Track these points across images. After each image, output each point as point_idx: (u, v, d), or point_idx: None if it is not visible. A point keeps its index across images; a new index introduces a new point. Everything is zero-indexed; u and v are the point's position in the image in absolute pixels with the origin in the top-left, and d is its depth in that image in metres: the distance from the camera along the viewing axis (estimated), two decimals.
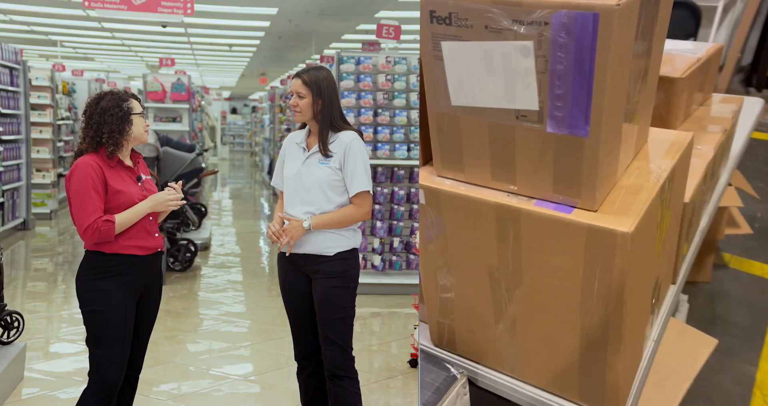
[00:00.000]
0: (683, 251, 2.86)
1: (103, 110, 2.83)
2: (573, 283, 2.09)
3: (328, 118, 3.01)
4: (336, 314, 3.01)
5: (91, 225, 2.74)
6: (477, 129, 2.15)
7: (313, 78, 3.01)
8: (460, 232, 2.27)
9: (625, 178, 2.22)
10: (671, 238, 2.54)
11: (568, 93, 1.93)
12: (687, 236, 2.89)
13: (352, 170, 2.99)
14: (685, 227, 2.76)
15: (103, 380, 2.84)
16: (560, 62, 1.89)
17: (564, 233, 2.05)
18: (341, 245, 3.02)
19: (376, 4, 11.37)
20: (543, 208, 2.10)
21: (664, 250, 2.45)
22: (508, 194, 2.19)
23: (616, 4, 1.77)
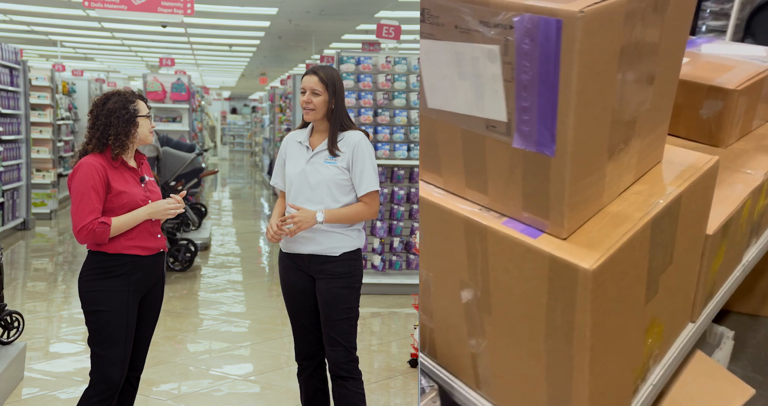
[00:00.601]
0: (709, 286, 2.51)
1: (110, 112, 2.83)
2: (537, 314, 1.88)
3: (339, 117, 2.99)
4: (341, 314, 3.00)
5: (86, 226, 2.74)
6: (451, 134, 2.00)
7: (329, 76, 2.97)
8: (435, 240, 2.14)
9: (616, 204, 1.98)
10: (682, 273, 2.24)
11: (534, 106, 1.71)
12: (718, 269, 2.54)
13: (361, 170, 2.97)
14: (711, 260, 2.41)
15: (104, 379, 2.84)
16: (525, 71, 1.68)
17: (528, 259, 1.85)
18: (347, 246, 3.00)
19: (376, 4, 11.37)
20: (510, 228, 1.90)
21: (668, 287, 2.16)
22: (480, 208, 2.02)
23: (580, 11, 1.55)
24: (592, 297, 1.73)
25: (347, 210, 2.97)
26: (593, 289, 1.72)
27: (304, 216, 2.90)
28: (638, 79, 1.89)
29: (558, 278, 1.77)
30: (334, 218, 2.94)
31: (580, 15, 1.56)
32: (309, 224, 2.90)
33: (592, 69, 1.66)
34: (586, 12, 1.57)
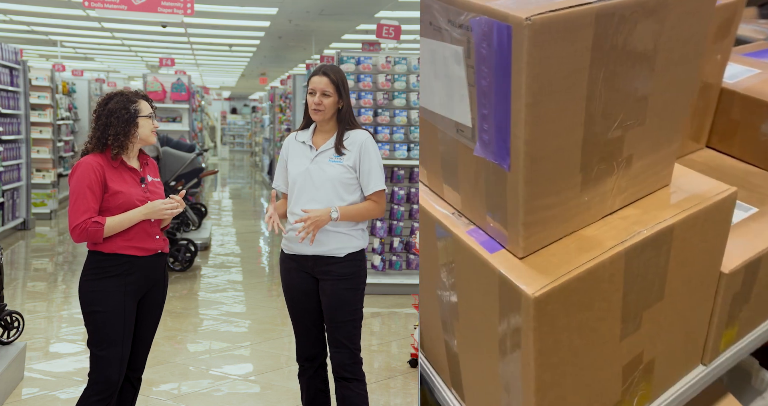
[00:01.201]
0: (731, 328, 2.27)
1: (110, 112, 2.84)
2: (492, 331, 1.79)
3: (346, 117, 2.99)
4: (346, 316, 2.99)
5: (80, 225, 2.75)
6: (432, 133, 1.93)
7: (339, 77, 2.95)
8: (422, 235, 2.11)
9: (594, 228, 1.83)
10: (683, 311, 2.04)
11: (491, 115, 1.60)
12: (745, 312, 2.30)
13: (369, 169, 2.96)
14: (729, 300, 2.17)
15: (102, 380, 2.84)
16: (484, 77, 1.57)
17: (483, 273, 1.76)
18: (352, 246, 2.99)
19: (376, 4, 11.36)
20: (472, 239, 1.82)
21: (660, 324, 1.97)
22: (453, 212, 1.96)
23: (527, 19, 1.40)
24: (534, 325, 1.61)
25: (359, 207, 2.95)
26: (536, 317, 1.61)
27: (318, 216, 2.85)
28: (622, 95, 1.71)
29: (507, 299, 1.68)
30: (348, 216, 2.91)
31: (527, 23, 1.40)
32: (324, 223, 2.87)
33: (547, 82, 1.51)
34: (534, 21, 1.40)
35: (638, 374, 1.99)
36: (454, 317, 2.00)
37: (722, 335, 2.25)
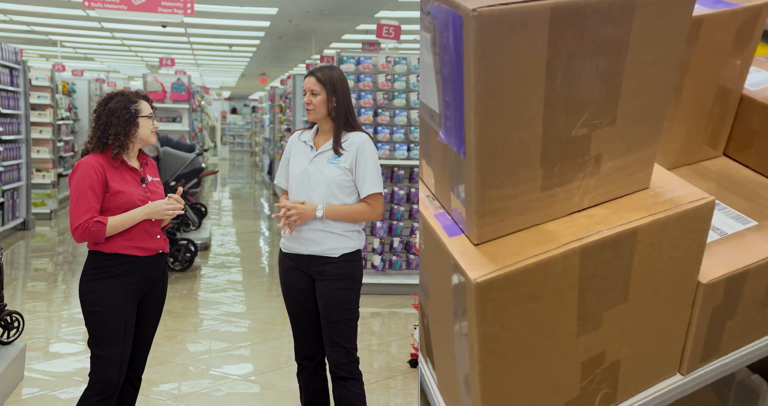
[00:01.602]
0: (712, 340, 2.19)
1: (111, 112, 2.84)
2: (448, 313, 1.82)
3: (342, 116, 3.00)
4: (341, 315, 3.00)
5: (82, 225, 2.75)
6: (423, 120, 1.98)
7: (327, 76, 3.00)
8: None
9: (558, 223, 1.82)
10: (652, 317, 1.99)
11: (452, 102, 1.62)
12: (732, 325, 2.20)
13: (364, 171, 2.97)
14: (709, 312, 2.10)
15: (103, 380, 2.84)
16: (445, 65, 1.59)
17: (442, 256, 1.79)
18: (347, 247, 3.01)
19: (376, 4, 11.37)
20: (437, 222, 1.86)
21: (624, 327, 1.94)
22: (428, 195, 2.01)
23: (473, 10, 1.39)
24: (477, 310, 1.63)
25: (348, 208, 2.97)
26: (478, 302, 1.62)
27: (304, 209, 2.92)
28: (587, 94, 1.67)
29: (459, 283, 1.71)
30: (334, 215, 2.94)
31: (473, 14, 1.38)
32: (309, 216, 2.93)
33: (500, 74, 1.50)
34: (481, 12, 1.38)
35: (600, 373, 1.97)
36: (425, 296, 2.06)
37: (701, 347, 2.16)
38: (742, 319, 2.15)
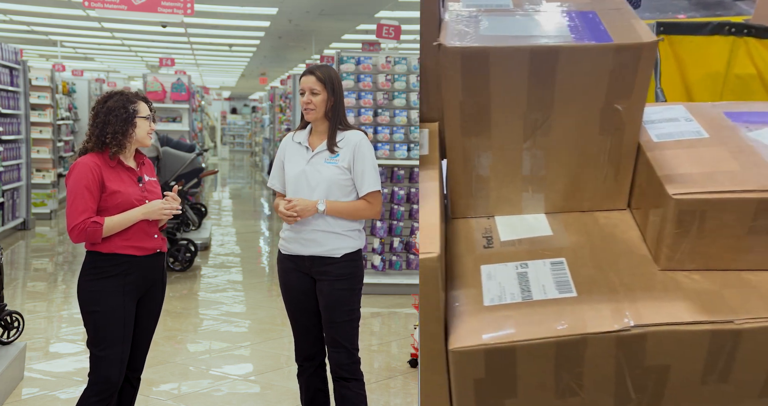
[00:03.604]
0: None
1: (109, 110, 2.84)
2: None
3: (337, 116, 2.99)
4: (344, 316, 2.99)
5: (78, 225, 2.75)
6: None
7: (327, 75, 2.97)
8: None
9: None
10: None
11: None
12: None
13: (362, 170, 2.96)
14: (479, 386, 1.81)
15: (102, 380, 2.84)
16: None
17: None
18: (348, 247, 3.00)
19: (376, 4, 11.37)
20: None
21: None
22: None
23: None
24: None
25: (349, 204, 2.97)
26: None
27: (305, 204, 2.90)
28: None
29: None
30: (336, 211, 2.93)
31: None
32: (310, 212, 2.91)
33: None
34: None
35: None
36: None
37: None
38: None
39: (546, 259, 1.89)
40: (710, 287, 1.76)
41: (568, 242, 1.93)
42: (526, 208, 2.07)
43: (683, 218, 1.75)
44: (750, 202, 1.72)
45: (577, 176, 2.03)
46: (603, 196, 2.05)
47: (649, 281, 1.79)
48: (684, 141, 1.97)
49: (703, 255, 1.79)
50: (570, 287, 1.79)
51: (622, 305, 1.70)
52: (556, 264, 1.87)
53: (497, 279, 1.84)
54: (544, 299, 1.76)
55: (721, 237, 1.76)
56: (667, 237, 1.79)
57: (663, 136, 2.02)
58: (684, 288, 1.76)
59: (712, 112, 2.12)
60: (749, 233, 1.75)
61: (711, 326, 1.64)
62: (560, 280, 1.82)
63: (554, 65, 1.85)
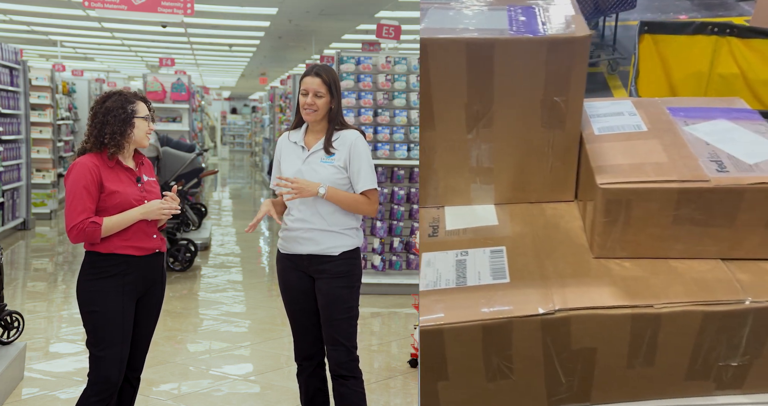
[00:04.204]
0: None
1: (107, 110, 2.84)
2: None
3: (336, 116, 2.99)
4: (342, 314, 3.00)
5: (77, 225, 2.74)
6: None
7: (331, 77, 2.96)
8: None
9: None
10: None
11: None
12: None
13: (358, 168, 2.96)
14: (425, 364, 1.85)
15: (102, 380, 2.83)
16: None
17: None
18: (346, 245, 3.00)
19: (376, 4, 11.36)
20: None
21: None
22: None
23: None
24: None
25: (349, 195, 2.97)
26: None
27: (306, 183, 2.89)
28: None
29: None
30: (335, 198, 2.93)
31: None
32: (310, 192, 2.89)
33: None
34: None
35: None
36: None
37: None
38: (454, 383, 1.89)
39: (487, 247, 1.96)
40: (639, 273, 1.82)
41: (512, 231, 1.99)
42: (476, 198, 2.12)
43: (610, 207, 1.82)
44: (672, 191, 1.78)
45: (523, 168, 2.08)
46: (550, 188, 2.11)
47: (581, 268, 1.85)
48: (623, 134, 2.02)
49: (633, 243, 1.85)
50: (505, 273, 1.85)
51: (551, 291, 1.77)
52: (495, 252, 1.94)
53: (435, 266, 1.91)
54: (477, 284, 1.83)
55: (648, 226, 1.83)
56: (598, 226, 1.86)
57: (604, 129, 2.07)
58: (613, 275, 1.82)
59: (656, 107, 2.18)
60: (674, 222, 1.81)
61: (631, 310, 1.71)
62: (496, 267, 1.88)
63: (491, 58, 1.89)
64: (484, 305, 1.76)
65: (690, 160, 1.85)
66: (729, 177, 1.78)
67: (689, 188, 1.78)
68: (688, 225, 1.81)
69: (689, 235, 1.82)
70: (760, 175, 1.77)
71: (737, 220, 1.79)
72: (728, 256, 1.83)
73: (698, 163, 1.83)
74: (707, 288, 1.74)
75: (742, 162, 1.84)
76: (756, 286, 1.73)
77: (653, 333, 1.74)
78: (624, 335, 1.74)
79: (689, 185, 1.77)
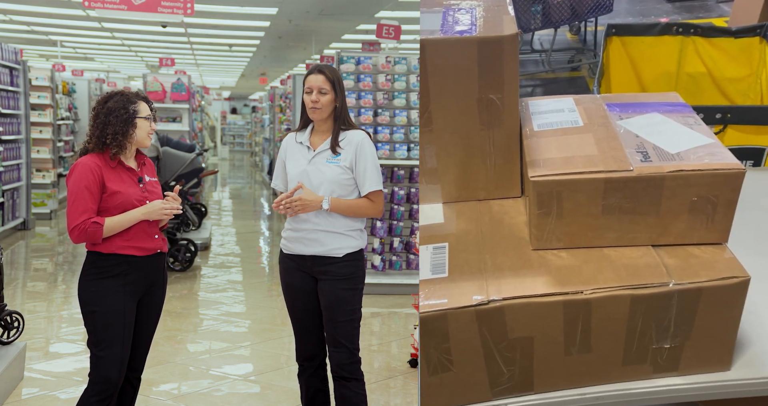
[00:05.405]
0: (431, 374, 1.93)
1: (109, 111, 2.84)
2: None
3: (342, 115, 2.99)
4: (345, 315, 2.99)
5: (79, 225, 2.75)
6: None
7: (334, 74, 2.96)
8: None
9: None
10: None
11: None
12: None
13: (364, 169, 2.96)
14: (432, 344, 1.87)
15: (103, 380, 2.84)
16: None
17: None
18: (350, 246, 3.00)
19: (376, 4, 11.37)
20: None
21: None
22: None
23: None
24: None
25: (352, 201, 2.97)
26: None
27: (310, 200, 2.89)
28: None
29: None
30: (340, 208, 2.93)
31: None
32: (313, 208, 2.90)
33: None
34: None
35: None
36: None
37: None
38: (458, 369, 1.91)
39: (430, 244, 2.00)
40: (572, 262, 1.88)
41: (456, 228, 2.04)
42: (424, 198, 2.17)
43: (542, 199, 1.88)
44: (598, 181, 1.84)
45: (466, 167, 2.12)
46: (495, 185, 2.15)
47: (520, 260, 1.91)
48: (560, 130, 2.07)
49: (568, 234, 1.91)
50: (444, 268, 1.90)
51: (488, 283, 1.81)
52: (438, 248, 1.98)
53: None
54: (424, 279, 1.88)
55: (579, 216, 1.88)
56: (534, 218, 1.91)
57: (543, 125, 2.13)
58: (549, 265, 1.87)
59: (595, 103, 2.24)
60: (604, 211, 1.87)
61: (563, 297, 1.76)
62: (437, 263, 1.93)
63: (424, 58, 1.95)
64: (422, 298, 1.80)
65: (618, 151, 1.91)
66: (651, 166, 1.85)
67: (614, 178, 1.84)
68: (618, 214, 1.87)
69: (620, 223, 1.88)
70: (679, 163, 1.84)
71: (662, 207, 1.85)
72: (658, 242, 1.89)
73: (625, 154, 1.89)
74: (636, 273, 1.80)
75: (665, 152, 1.90)
76: (681, 269, 1.80)
77: (586, 319, 1.79)
78: (558, 322, 1.79)
79: (614, 175, 1.84)
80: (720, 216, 1.85)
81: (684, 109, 2.13)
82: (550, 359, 1.84)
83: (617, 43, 3.91)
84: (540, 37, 5.87)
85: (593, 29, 5.74)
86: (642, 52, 3.94)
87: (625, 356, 1.84)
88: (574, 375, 1.87)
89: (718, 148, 1.90)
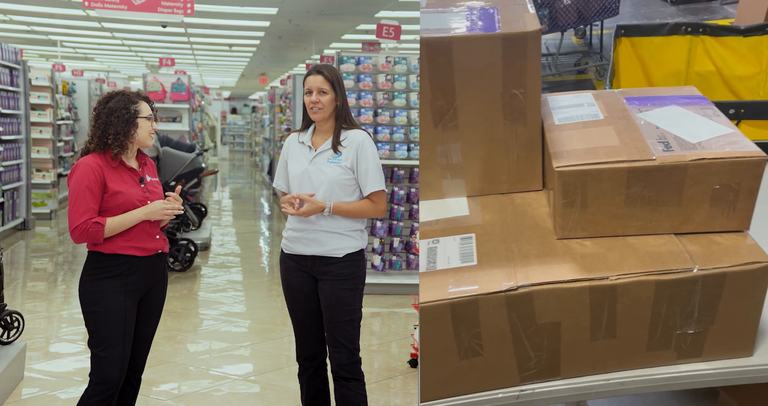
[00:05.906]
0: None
1: (110, 111, 2.84)
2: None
3: (343, 115, 2.99)
4: (345, 316, 2.99)
5: (80, 226, 2.75)
6: None
7: (334, 74, 2.96)
8: None
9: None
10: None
11: None
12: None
13: (366, 169, 2.96)
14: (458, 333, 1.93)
15: (103, 380, 2.84)
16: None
17: None
18: (350, 247, 3.00)
19: (376, 4, 11.36)
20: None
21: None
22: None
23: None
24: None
25: (354, 204, 2.97)
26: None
27: (312, 206, 2.89)
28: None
29: None
30: (341, 211, 2.94)
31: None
32: (315, 211, 2.91)
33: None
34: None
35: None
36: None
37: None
38: (489, 356, 1.94)
39: (457, 235, 2.07)
40: (597, 250, 1.93)
41: (482, 220, 2.10)
42: (447, 192, 2.22)
43: (567, 188, 1.93)
44: (621, 170, 1.89)
45: (490, 161, 2.17)
46: (518, 179, 2.20)
47: (545, 249, 1.96)
48: (580, 123, 2.12)
49: (592, 223, 1.97)
50: (473, 257, 1.96)
51: (516, 270, 1.87)
52: (465, 239, 2.05)
53: None
54: (445, 268, 1.94)
55: (603, 205, 1.94)
56: (558, 208, 1.97)
57: (564, 119, 2.18)
58: (574, 253, 1.93)
59: (614, 97, 2.29)
60: (627, 200, 1.92)
61: (589, 283, 1.82)
62: (465, 252, 2.00)
63: (450, 55, 1.99)
64: (452, 285, 1.85)
65: (639, 142, 1.96)
66: (673, 155, 1.89)
67: (637, 167, 1.88)
68: (640, 203, 1.91)
69: (642, 212, 1.92)
70: (701, 152, 1.88)
71: (684, 195, 1.90)
72: (680, 230, 1.94)
73: (646, 145, 1.93)
74: (659, 260, 1.84)
75: (686, 142, 1.95)
76: (704, 256, 1.85)
77: (611, 304, 1.84)
78: (584, 307, 1.83)
79: (637, 164, 1.88)
80: (742, 203, 1.89)
81: (702, 102, 2.18)
82: (577, 344, 1.89)
83: (626, 44, 3.93)
84: (546, 41, 5.89)
85: (599, 33, 5.76)
86: (651, 53, 3.96)
87: (650, 341, 1.88)
88: (599, 360, 1.92)
89: (739, 137, 1.94)
